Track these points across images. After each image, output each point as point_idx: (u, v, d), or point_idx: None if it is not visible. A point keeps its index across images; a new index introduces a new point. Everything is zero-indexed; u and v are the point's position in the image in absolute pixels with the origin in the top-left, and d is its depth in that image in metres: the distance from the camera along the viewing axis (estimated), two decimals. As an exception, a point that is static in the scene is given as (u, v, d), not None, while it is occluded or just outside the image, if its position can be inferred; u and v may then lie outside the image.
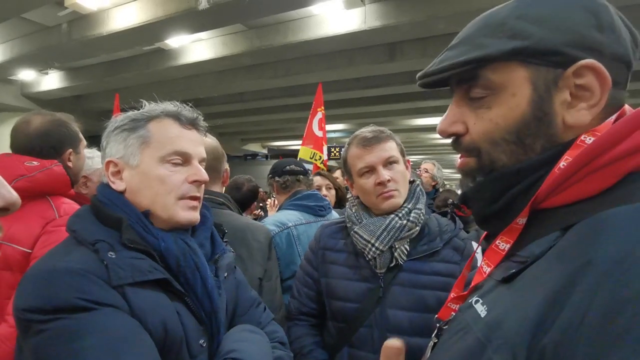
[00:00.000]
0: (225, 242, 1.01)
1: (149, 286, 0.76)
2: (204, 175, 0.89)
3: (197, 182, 0.87)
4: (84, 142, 1.53)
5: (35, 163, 1.29)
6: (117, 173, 0.86)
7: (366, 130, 1.26)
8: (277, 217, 1.83)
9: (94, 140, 1.60)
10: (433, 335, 0.61)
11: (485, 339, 0.42)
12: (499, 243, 0.52)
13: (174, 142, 0.86)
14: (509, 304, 0.43)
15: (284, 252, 1.73)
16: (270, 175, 2.04)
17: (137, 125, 0.86)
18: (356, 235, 1.21)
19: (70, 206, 1.32)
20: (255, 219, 3.94)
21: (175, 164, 0.85)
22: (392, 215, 1.18)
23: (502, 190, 0.51)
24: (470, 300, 0.52)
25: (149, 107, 0.91)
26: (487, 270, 0.53)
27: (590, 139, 0.46)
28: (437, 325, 0.61)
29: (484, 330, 0.44)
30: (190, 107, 0.93)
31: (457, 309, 0.59)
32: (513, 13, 0.51)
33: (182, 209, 0.85)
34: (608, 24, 0.49)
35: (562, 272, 0.38)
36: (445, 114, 0.58)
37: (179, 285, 0.80)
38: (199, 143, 0.91)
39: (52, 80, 9.68)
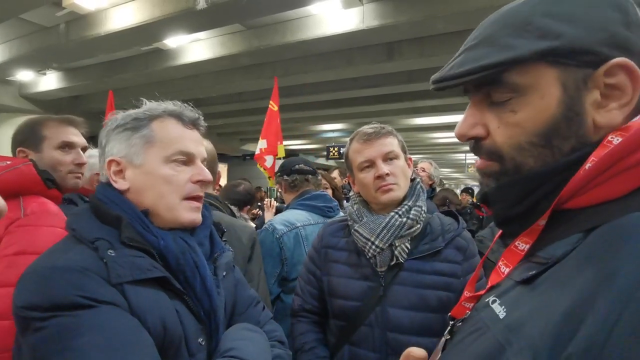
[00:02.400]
0: (224, 241, 1.01)
1: (149, 284, 0.76)
2: (208, 175, 0.89)
3: (200, 182, 0.88)
4: (54, 141, 1.46)
5: (8, 162, 1.26)
6: (119, 172, 0.86)
7: (367, 127, 1.27)
8: (286, 216, 1.83)
9: (92, 141, 1.60)
10: (446, 332, 0.60)
11: (505, 342, 0.41)
12: (518, 244, 0.51)
13: (178, 142, 0.86)
14: (530, 307, 0.42)
15: (292, 252, 1.73)
16: (278, 174, 2.06)
17: (140, 125, 0.86)
18: (356, 234, 1.21)
19: (40, 206, 1.25)
20: (253, 219, 3.95)
21: (180, 164, 0.86)
22: (392, 213, 1.19)
23: (527, 192, 0.50)
24: (487, 300, 0.50)
25: (149, 105, 0.90)
26: (506, 270, 0.52)
27: (617, 139, 0.44)
28: (451, 322, 0.60)
29: (504, 332, 0.42)
30: (191, 107, 0.93)
31: (471, 307, 0.58)
32: (537, 10, 0.48)
33: (186, 210, 0.86)
34: (635, 21, 0.47)
35: (586, 280, 0.37)
36: (463, 116, 0.55)
37: (178, 283, 0.80)
38: (200, 143, 0.92)
39: (50, 81, 9.65)
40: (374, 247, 1.17)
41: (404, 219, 1.17)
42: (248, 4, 5.11)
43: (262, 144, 4.17)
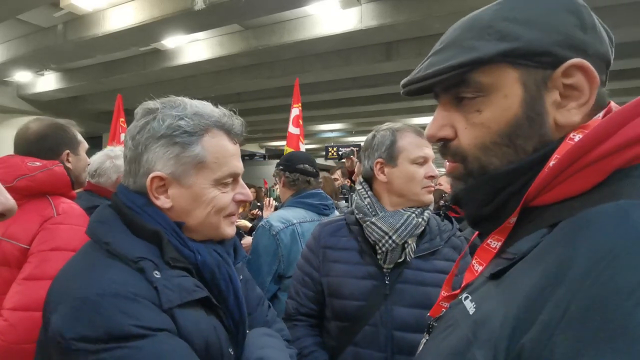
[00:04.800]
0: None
1: (191, 305, 0.74)
2: (250, 195, 0.88)
3: (242, 202, 0.87)
4: (85, 145, 1.57)
5: (37, 163, 1.33)
6: (161, 187, 0.79)
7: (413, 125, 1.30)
8: (282, 213, 1.83)
9: (91, 141, 1.62)
10: (425, 332, 0.62)
11: (472, 335, 0.43)
12: (490, 242, 0.53)
13: (229, 163, 0.82)
14: (496, 301, 0.44)
15: (288, 249, 1.73)
16: (281, 167, 1.97)
17: (190, 141, 0.78)
18: (372, 227, 1.20)
19: (69, 206, 1.35)
20: (252, 219, 3.95)
21: (227, 185, 0.83)
22: (409, 212, 1.20)
23: (495, 192, 0.52)
24: (460, 297, 0.52)
25: (194, 108, 0.81)
26: (479, 268, 0.54)
27: (578, 137, 0.46)
28: (429, 322, 0.62)
29: (472, 327, 0.44)
30: (233, 111, 0.88)
31: (447, 306, 0.59)
32: (498, 15, 0.51)
33: (228, 226, 0.85)
34: (590, 24, 0.50)
35: (542, 271, 0.39)
36: (433, 117, 0.58)
37: (213, 297, 0.79)
38: (240, 156, 0.87)
39: (48, 82, 9.64)
40: (390, 241, 1.17)
41: (419, 220, 1.20)
42: (246, 5, 5.11)
43: (302, 148, 4.18)
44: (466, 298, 0.50)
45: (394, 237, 1.17)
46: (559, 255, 0.39)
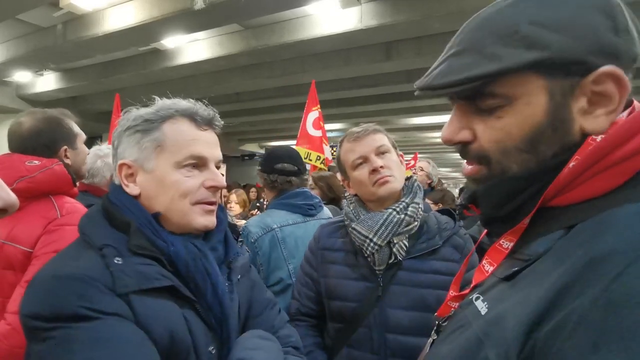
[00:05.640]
0: (241, 242, 0.99)
1: (156, 293, 0.73)
2: (222, 181, 0.85)
3: (213, 188, 0.85)
4: (82, 136, 1.51)
5: (36, 162, 1.29)
6: (131, 176, 0.83)
7: (355, 128, 1.28)
8: (262, 218, 1.71)
9: (90, 142, 1.61)
10: (432, 331, 0.61)
11: (484, 335, 0.43)
12: (502, 242, 0.52)
13: (190, 146, 0.82)
14: (510, 302, 0.43)
15: (267, 256, 1.62)
16: (259, 168, 1.84)
17: (151, 127, 0.81)
18: (354, 232, 1.20)
19: (72, 205, 1.33)
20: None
21: (192, 169, 0.82)
22: (390, 210, 1.18)
23: (512, 194, 0.50)
24: (471, 297, 0.52)
25: (161, 104, 0.85)
26: (490, 269, 0.53)
27: (600, 137, 0.45)
28: (437, 322, 0.61)
29: (484, 327, 0.44)
30: (206, 104, 0.88)
31: (456, 306, 0.59)
32: (523, 17, 0.47)
33: (199, 214, 0.83)
34: (624, 26, 0.46)
35: (562, 271, 0.39)
36: (449, 120, 0.55)
37: (189, 290, 0.78)
38: (215, 144, 0.87)
39: (47, 82, 9.62)
40: (372, 244, 1.15)
41: (402, 216, 1.17)
42: (246, 4, 5.11)
43: (328, 151, 4.18)
44: (477, 298, 0.49)
45: (374, 240, 1.15)
46: (581, 256, 0.38)
